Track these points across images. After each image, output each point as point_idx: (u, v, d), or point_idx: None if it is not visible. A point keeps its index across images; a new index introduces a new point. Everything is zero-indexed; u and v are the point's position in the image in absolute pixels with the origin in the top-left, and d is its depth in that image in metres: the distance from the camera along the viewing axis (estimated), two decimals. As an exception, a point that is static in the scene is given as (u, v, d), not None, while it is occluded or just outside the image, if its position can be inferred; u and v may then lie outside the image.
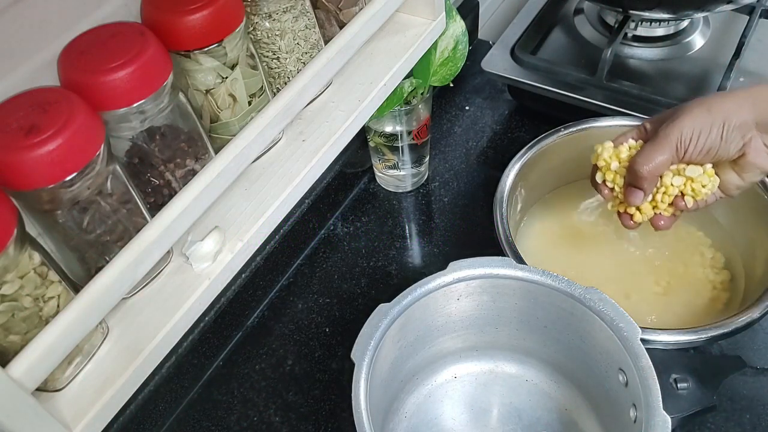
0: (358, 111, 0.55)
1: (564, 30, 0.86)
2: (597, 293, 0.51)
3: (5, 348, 0.36)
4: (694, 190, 0.53)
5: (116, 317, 0.44)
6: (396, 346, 0.54)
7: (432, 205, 0.77)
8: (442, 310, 0.55)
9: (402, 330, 0.53)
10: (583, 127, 0.68)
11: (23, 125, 0.34)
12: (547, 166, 0.69)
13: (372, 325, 0.51)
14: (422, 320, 0.55)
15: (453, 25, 0.68)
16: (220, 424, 0.62)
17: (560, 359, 0.57)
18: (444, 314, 0.56)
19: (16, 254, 0.35)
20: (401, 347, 0.55)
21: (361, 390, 0.49)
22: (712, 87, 0.73)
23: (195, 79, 0.45)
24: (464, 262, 0.54)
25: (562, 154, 0.68)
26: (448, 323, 0.57)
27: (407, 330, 0.54)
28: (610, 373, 0.51)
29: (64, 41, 0.40)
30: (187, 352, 0.62)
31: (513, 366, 0.60)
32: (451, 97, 0.88)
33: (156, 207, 0.44)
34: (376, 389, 0.50)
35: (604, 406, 0.54)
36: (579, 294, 0.51)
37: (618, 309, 0.50)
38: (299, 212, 0.71)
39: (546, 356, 0.58)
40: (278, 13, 0.49)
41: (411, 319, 0.54)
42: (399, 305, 0.52)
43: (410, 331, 0.55)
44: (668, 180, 0.53)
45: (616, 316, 0.49)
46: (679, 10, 0.73)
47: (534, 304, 0.54)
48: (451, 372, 0.60)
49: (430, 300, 0.54)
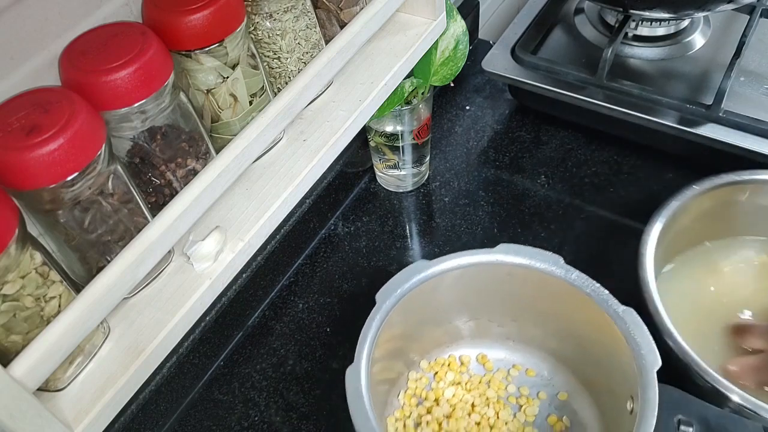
0: (359, 111, 0.55)
1: (564, 30, 0.86)
2: (633, 315, 0.50)
3: (7, 348, 0.36)
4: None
5: (117, 317, 0.44)
6: (417, 304, 0.55)
7: (433, 204, 0.77)
8: (476, 286, 0.56)
9: (429, 293, 0.54)
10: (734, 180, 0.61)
11: (24, 125, 0.34)
12: (689, 220, 0.62)
13: (404, 275, 0.53)
14: (452, 291, 0.56)
15: (453, 24, 0.68)
16: (221, 423, 0.62)
17: (576, 363, 0.58)
18: (476, 291, 0.57)
19: (18, 254, 0.35)
20: (420, 309, 0.56)
21: (373, 327, 0.51)
22: (712, 86, 0.73)
23: (196, 78, 0.45)
24: (514, 248, 0.54)
25: (704, 206, 0.62)
26: (478, 304, 0.58)
27: (435, 295, 0.55)
28: (621, 396, 0.51)
29: (65, 41, 0.40)
30: (188, 352, 0.62)
31: (531, 359, 0.61)
32: (452, 96, 0.88)
33: (157, 207, 0.44)
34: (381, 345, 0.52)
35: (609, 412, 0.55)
36: (614, 311, 0.51)
37: (647, 337, 0.49)
38: (300, 212, 0.71)
39: (562, 356, 0.59)
40: (279, 12, 0.49)
41: (441, 286, 0.54)
42: (438, 266, 0.54)
43: (437, 298, 0.56)
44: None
45: (643, 343, 0.49)
46: (679, 10, 0.73)
47: (568, 307, 0.54)
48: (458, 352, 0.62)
49: (467, 272, 0.55)
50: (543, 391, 0.59)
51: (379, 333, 0.51)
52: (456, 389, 0.59)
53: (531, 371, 0.60)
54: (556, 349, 0.60)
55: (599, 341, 0.53)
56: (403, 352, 0.59)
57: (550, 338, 0.59)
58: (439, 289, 0.56)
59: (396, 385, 0.59)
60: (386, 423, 0.57)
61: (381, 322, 0.52)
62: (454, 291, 0.57)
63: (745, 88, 0.74)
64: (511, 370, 0.60)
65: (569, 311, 0.55)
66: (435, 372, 0.60)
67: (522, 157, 0.80)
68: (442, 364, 0.61)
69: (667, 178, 0.75)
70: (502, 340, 0.61)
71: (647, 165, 0.77)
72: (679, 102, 0.71)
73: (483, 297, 0.58)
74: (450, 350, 0.62)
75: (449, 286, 0.56)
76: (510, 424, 0.57)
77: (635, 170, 0.76)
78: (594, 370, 0.56)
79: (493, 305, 0.59)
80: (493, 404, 0.58)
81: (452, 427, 0.56)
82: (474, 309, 0.60)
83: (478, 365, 0.61)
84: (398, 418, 0.58)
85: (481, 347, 0.62)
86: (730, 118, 0.69)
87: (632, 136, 0.77)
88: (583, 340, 0.56)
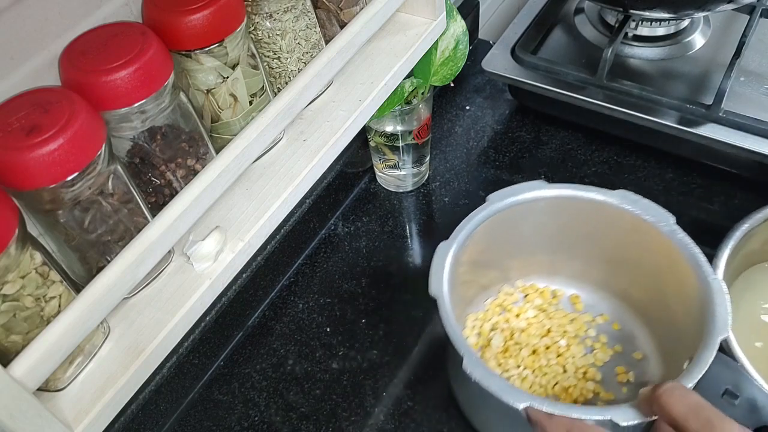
0: (359, 111, 0.55)
1: (564, 30, 0.86)
2: (720, 285, 0.51)
3: (7, 348, 0.36)
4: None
5: (117, 317, 0.44)
6: (524, 222, 0.58)
7: (433, 204, 0.77)
8: (586, 224, 0.58)
9: (540, 214, 0.58)
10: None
11: (24, 125, 0.34)
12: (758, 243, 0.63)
13: (521, 187, 0.56)
14: (562, 221, 0.59)
15: (453, 24, 0.68)
16: (221, 423, 0.62)
17: (658, 326, 0.59)
18: (585, 231, 0.59)
19: (18, 254, 0.35)
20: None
21: (476, 219, 0.55)
22: (712, 86, 0.73)
23: (196, 78, 0.45)
24: (633, 196, 0.56)
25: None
26: (583, 244, 0.61)
27: (544, 219, 0.58)
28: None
29: (65, 41, 0.40)
30: (188, 352, 0.62)
31: (619, 314, 0.62)
32: (452, 96, 0.88)
33: (157, 207, 0.44)
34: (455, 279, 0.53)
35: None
36: (705, 278, 0.51)
37: (726, 307, 0.49)
38: (300, 212, 0.71)
39: (647, 317, 0.61)
40: (279, 12, 0.49)
41: (553, 212, 0.57)
42: (556, 190, 0.56)
43: (546, 223, 0.58)
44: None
45: (719, 312, 0.49)
46: (679, 10, 0.73)
47: (665, 266, 0.56)
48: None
49: (581, 208, 0.57)
50: (620, 345, 0.60)
51: (480, 229, 0.53)
52: (539, 314, 0.62)
53: (617, 325, 0.62)
54: (644, 309, 0.61)
55: (683, 306, 0.54)
56: (500, 265, 0.63)
57: (641, 296, 0.61)
58: (550, 214, 0.58)
59: (486, 293, 0.64)
60: (466, 318, 0.62)
61: (485, 219, 0.54)
62: (563, 222, 0.59)
63: (745, 88, 0.74)
64: (597, 317, 0.62)
65: (665, 271, 0.56)
66: (526, 294, 0.64)
67: (522, 157, 0.80)
68: (536, 290, 0.64)
69: (668, 178, 0.75)
70: (597, 288, 0.64)
71: (647, 165, 0.77)
72: (679, 102, 0.71)
73: (590, 239, 0.60)
74: (546, 281, 0.65)
75: (561, 215, 0.58)
76: (577, 359, 0.59)
77: (635, 170, 0.76)
78: (671, 335, 0.57)
79: (597, 250, 0.61)
80: (568, 337, 0.60)
81: (522, 340, 0.60)
82: (579, 248, 0.62)
83: (569, 303, 0.64)
84: (478, 318, 0.62)
85: (576, 288, 0.64)
86: (730, 118, 0.69)
87: (632, 136, 0.77)
88: (669, 304, 0.57)
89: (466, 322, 0.61)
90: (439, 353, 0.64)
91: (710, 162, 0.74)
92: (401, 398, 0.62)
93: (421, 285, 0.53)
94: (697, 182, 0.74)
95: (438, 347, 0.65)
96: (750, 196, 0.72)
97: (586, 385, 0.57)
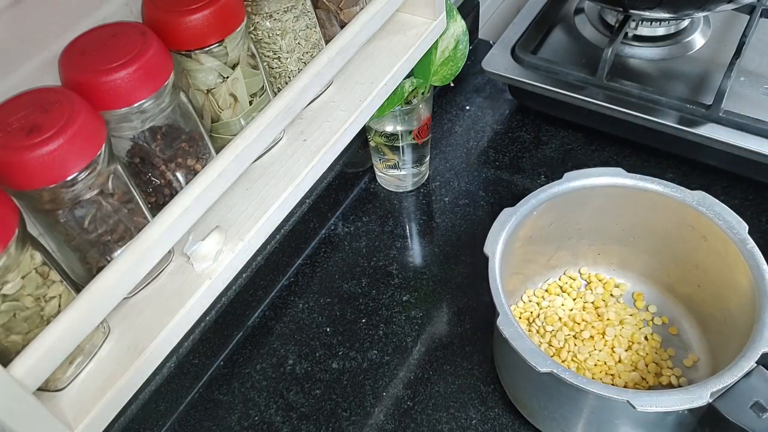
0: (359, 111, 0.55)
1: (564, 29, 0.86)
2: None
3: (7, 348, 0.36)
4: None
5: (117, 317, 0.44)
6: (585, 209, 0.58)
7: (433, 204, 0.77)
8: (650, 218, 0.58)
9: (604, 202, 0.57)
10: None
11: (24, 125, 0.34)
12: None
13: (544, 189, 0.57)
14: (624, 212, 0.59)
15: (453, 24, 0.68)
16: (221, 423, 0.62)
17: (713, 327, 0.59)
18: (648, 224, 0.59)
19: (18, 254, 0.35)
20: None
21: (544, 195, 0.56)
22: (712, 86, 0.73)
23: (196, 78, 0.45)
24: (711, 200, 0.56)
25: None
26: (644, 239, 0.60)
27: (608, 208, 0.58)
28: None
29: (65, 41, 0.40)
30: (188, 352, 0.62)
31: (677, 317, 0.62)
32: (452, 96, 0.88)
33: (157, 207, 0.44)
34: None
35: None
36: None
37: None
38: (300, 212, 0.71)
39: (704, 320, 0.60)
40: (279, 12, 0.49)
41: (615, 201, 0.57)
42: (571, 183, 0.56)
43: (608, 213, 0.59)
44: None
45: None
46: (679, 10, 0.73)
47: (727, 270, 0.55)
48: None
49: (650, 200, 0.57)
50: (674, 349, 0.60)
51: (549, 203, 0.54)
52: (598, 301, 0.63)
53: (674, 329, 0.62)
54: (704, 317, 0.60)
55: (742, 318, 0.53)
56: (565, 246, 0.63)
57: (703, 303, 0.60)
58: (623, 204, 0.58)
59: (549, 273, 0.65)
60: (524, 293, 0.63)
61: (556, 195, 0.55)
62: (635, 215, 0.59)
63: (745, 88, 0.74)
64: (656, 318, 0.63)
65: (728, 281, 0.55)
66: (589, 282, 0.65)
67: (522, 157, 0.80)
68: (600, 279, 0.65)
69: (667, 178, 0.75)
70: (663, 290, 0.63)
71: (647, 165, 0.77)
72: (679, 102, 0.71)
73: (661, 237, 0.60)
74: (612, 273, 0.65)
75: (634, 207, 0.58)
76: (625, 354, 0.59)
77: (635, 170, 0.76)
78: (725, 345, 0.56)
79: (668, 251, 0.60)
80: (622, 330, 0.60)
81: (573, 325, 0.61)
82: (647, 244, 0.61)
83: (630, 299, 0.64)
84: (536, 294, 0.64)
85: (642, 285, 0.64)
86: (730, 118, 0.69)
87: (632, 136, 0.77)
88: (732, 314, 0.56)
89: (522, 297, 0.63)
90: (439, 353, 0.64)
91: (710, 162, 0.74)
92: (401, 398, 0.62)
93: (422, 285, 0.53)
94: (697, 182, 0.74)
95: (438, 347, 0.65)
96: (750, 197, 0.72)
97: (629, 376, 0.58)
